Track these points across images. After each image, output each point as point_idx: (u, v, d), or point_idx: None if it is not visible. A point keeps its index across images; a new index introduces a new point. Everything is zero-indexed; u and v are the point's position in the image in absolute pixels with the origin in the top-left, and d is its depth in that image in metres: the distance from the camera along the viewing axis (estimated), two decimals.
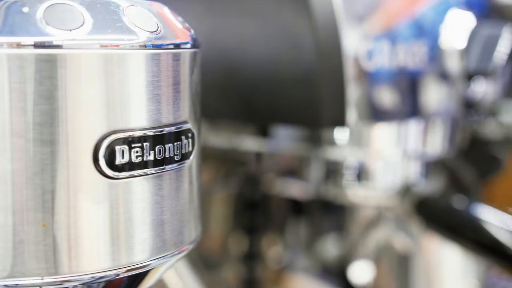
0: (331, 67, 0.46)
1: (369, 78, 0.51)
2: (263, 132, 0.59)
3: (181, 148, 0.34)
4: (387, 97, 0.53)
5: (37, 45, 0.29)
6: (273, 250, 0.83)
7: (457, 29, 0.56)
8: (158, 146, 0.32)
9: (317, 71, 0.46)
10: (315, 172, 0.62)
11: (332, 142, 0.58)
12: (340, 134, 0.58)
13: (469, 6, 0.62)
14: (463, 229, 0.55)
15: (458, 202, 0.57)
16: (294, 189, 0.66)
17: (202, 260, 0.79)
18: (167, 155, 0.33)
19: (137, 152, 0.32)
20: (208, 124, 0.61)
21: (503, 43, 0.56)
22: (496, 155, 0.72)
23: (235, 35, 0.49)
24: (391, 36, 0.52)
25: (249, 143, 0.62)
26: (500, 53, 0.56)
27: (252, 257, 0.80)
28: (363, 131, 0.58)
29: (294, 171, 0.66)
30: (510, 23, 0.83)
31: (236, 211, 0.77)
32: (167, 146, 0.33)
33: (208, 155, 0.74)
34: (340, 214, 0.75)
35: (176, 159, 0.33)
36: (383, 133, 0.58)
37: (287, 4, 0.46)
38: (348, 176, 0.61)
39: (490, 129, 0.93)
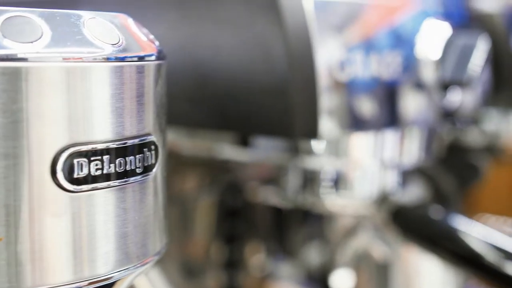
0: (303, 78, 0.46)
1: (346, 88, 0.51)
2: (243, 141, 0.59)
3: (144, 161, 0.34)
4: (364, 106, 0.53)
5: None
6: (256, 257, 0.83)
7: (433, 39, 0.56)
8: (119, 159, 0.32)
9: (289, 81, 0.46)
10: (292, 181, 0.62)
11: (309, 152, 0.58)
12: (318, 144, 0.58)
13: (447, 16, 0.62)
14: (438, 239, 0.55)
15: (434, 211, 0.57)
16: (274, 197, 0.66)
17: (185, 268, 0.79)
18: (128, 167, 0.33)
19: (96, 165, 0.31)
20: (189, 132, 0.61)
21: (478, 53, 0.56)
22: (477, 163, 0.72)
23: (209, 43, 0.49)
24: (368, 46, 0.52)
25: (229, 152, 0.62)
26: (475, 63, 0.56)
27: (233, 264, 0.80)
28: (341, 140, 0.58)
29: (274, 179, 0.66)
30: (489, 32, 0.83)
31: (218, 219, 0.77)
32: (128, 158, 0.33)
33: (192, 163, 0.74)
34: (320, 223, 0.75)
35: (138, 171, 0.33)
36: (360, 143, 0.58)
37: (259, 14, 0.46)
38: (325, 185, 0.61)
39: (472, 137, 0.93)
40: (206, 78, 0.49)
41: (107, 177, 0.32)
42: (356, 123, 0.52)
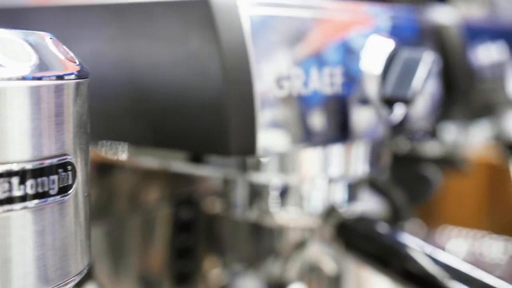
0: (239, 95, 0.46)
1: (296, 102, 0.51)
2: (196, 156, 0.58)
3: (60, 181, 0.33)
4: (313, 121, 0.53)
5: None
6: (212, 270, 0.83)
7: (378, 54, 0.56)
8: (33, 180, 0.32)
9: (224, 98, 0.45)
10: (240, 195, 0.62)
11: (258, 166, 0.58)
12: (265, 158, 0.57)
13: (397, 30, 0.62)
14: (378, 254, 0.55)
15: (378, 226, 0.57)
16: (226, 211, 0.66)
17: (143, 281, 0.78)
18: (43, 189, 0.32)
19: (9, 186, 0.31)
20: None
21: (422, 69, 0.56)
22: (432, 175, 0.73)
23: (146, 59, 0.48)
24: (317, 61, 0.52)
25: (180, 166, 0.62)
26: (418, 79, 0.56)
27: (189, 277, 0.79)
28: (290, 154, 0.58)
29: (225, 193, 0.66)
30: (443, 45, 0.83)
31: (173, 232, 0.76)
32: (44, 179, 0.32)
33: (149, 177, 0.74)
34: (271, 236, 0.75)
35: (53, 192, 0.33)
36: (309, 157, 0.58)
37: (195, 30, 0.46)
38: (273, 199, 0.61)
39: (430, 150, 0.94)
40: (144, 95, 0.49)
41: (21, 199, 0.32)
42: (305, 137, 0.52)
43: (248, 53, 0.46)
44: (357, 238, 0.57)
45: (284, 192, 0.61)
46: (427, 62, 0.56)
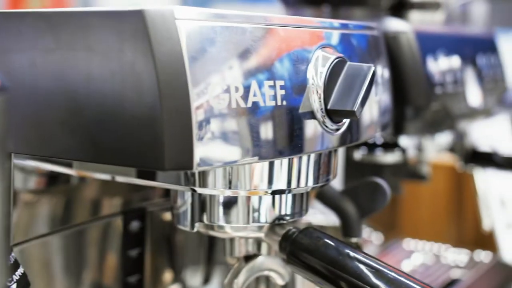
0: (174, 108, 0.45)
1: (238, 114, 0.50)
2: None
3: None
4: (257, 133, 0.52)
5: None
6: (169, 283, 0.82)
7: (322, 67, 0.56)
8: None
9: (159, 112, 0.45)
10: (190, 207, 0.61)
11: (206, 178, 0.57)
12: (218, 170, 0.57)
13: (346, 43, 0.62)
14: (320, 268, 0.54)
15: (320, 239, 0.57)
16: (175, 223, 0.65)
17: None
18: None
19: None
20: None
21: (366, 82, 0.56)
22: (385, 185, 0.72)
23: (81, 70, 0.47)
24: (260, 73, 0.52)
25: (128, 178, 0.61)
26: (362, 92, 0.55)
27: None
28: (236, 166, 0.57)
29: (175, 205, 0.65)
30: (397, 54, 0.84)
31: (124, 245, 0.75)
32: None
33: (100, 187, 0.73)
34: (221, 248, 0.74)
35: None
36: (254, 169, 0.58)
37: (129, 41, 0.45)
38: (221, 211, 0.60)
39: (388, 160, 0.94)
40: (79, 108, 0.48)
41: None
42: (249, 150, 0.52)
43: (184, 66, 0.45)
44: (299, 251, 0.57)
45: (231, 204, 0.60)
46: (370, 76, 0.56)
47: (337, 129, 0.59)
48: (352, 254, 0.55)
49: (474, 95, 0.99)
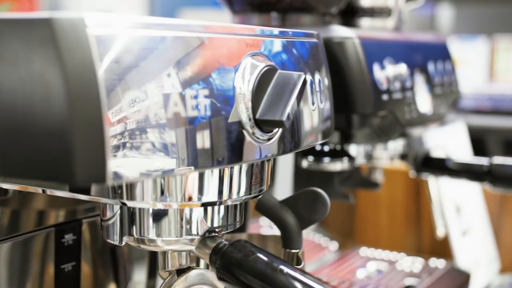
0: (85, 120, 0.43)
1: (165, 125, 0.49)
2: None
3: None
4: (201, 143, 0.51)
5: None
6: None
7: (251, 76, 0.55)
8: None
9: (69, 124, 0.43)
10: (118, 220, 0.59)
11: (134, 190, 0.56)
12: (142, 182, 0.55)
13: (277, 49, 0.61)
14: (248, 282, 0.53)
15: (251, 252, 0.55)
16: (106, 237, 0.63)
17: None
18: None
19: None
20: None
21: (296, 91, 0.55)
22: (324, 196, 0.71)
23: None
24: (187, 83, 0.50)
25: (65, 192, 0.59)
26: (291, 101, 0.54)
27: None
28: (169, 178, 0.55)
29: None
30: (342, 61, 0.83)
31: (58, 258, 0.73)
32: None
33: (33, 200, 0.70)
34: (153, 262, 0.72)
35: None
36: (184, 180, 0.56)
37: (38, 50, 0.43)
38: (151, 224, 0.58)
39: (337, 168, 0.93)
40: None
41: None
42: (176, 161, 0.50)
43: (96, 76, 0.44)
44: (229, 265, 0.55)
45: (161, 217, 0.58)
46: (300, 84, 0.55)
47: (269, 139, 0.58)
48: (282, 268, 0.54)
49: (424, 102, 0.98)
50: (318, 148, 0.89)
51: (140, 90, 0.46)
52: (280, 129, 0.58)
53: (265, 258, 0.55)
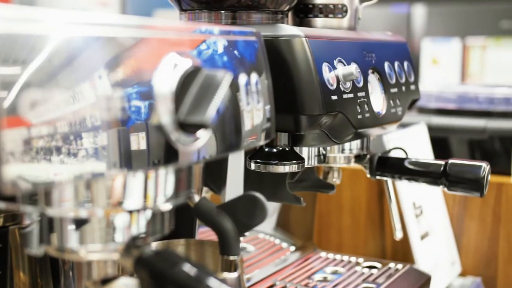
0: None
1: (117, 126, 0.46)
2: None
3: None
4: (135, 145, 0.49)
5: None
6: None
7: (173, 76, 0.52)
8: None
9: None
10: (36, 229, 0.56)
11: (50, 197, 0.53)
12: (60, 188, 0.52)
13: (207, 48, 0.58)
14: None
15: (176, 261, 0.53)
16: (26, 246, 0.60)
17: None
18: None
19: None
20: None
21: (220, 91, 0.52)
22: (262, 199, 0.68)
23: None
24: (139, 85, 0.48)
25: None
26: (216, 102, 0.51)
27: None
28: (91, 184, 0.53)
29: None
30: (291, 59, 0.80)
31: None
32: None
33: None
34: (75, 271, 0.69)
35: None
36: (105, 187, 0.53)
37: None
38: (71, 232, 0.55)
39: (282, 170, 0.90)
40: None
41: None
42: (126, 162, 0.48)
43: None
44: (152, 275, 0.53)
45: (82, 224, 0.55)
46: (225, 84, 0.52)
47: (196, 141, 0.55)
48: (207, 280, 0.51)
49: (379, 103, 0.96)
50: (266, 149, 0.86)
51: (40, 91, 0.44)
52: (210, 131, 0.56)
53: (189, 269, 0.52)
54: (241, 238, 1.17)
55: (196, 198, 0.66)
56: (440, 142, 1.44)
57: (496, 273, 1.29)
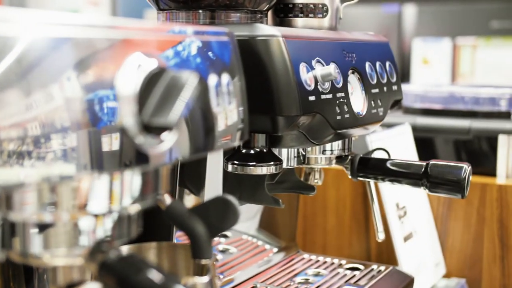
0: None
1: (88, 128, 0.45)
2: None
3: None
4: (106, 147, 0.48)
5: None
6: None
7: (137, 78, 0.51)
8: None
9: None
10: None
11: (11, 200, 0.51)
12: (21, 191, 0.51)
13: (175, 48, 0.57)
14: None
15: (139, 266, 0.51)
16: None
17: None
18: None
19: None
20: None
21: (185, 92, 0.51)
22: (234, 202, 0.67)
23: None
24: (102, 87, 0.47)
25: None
26: (180, 103, 0.50)
27: None
28: (55, 187, 0.51)
29: None
30: (267, 59, 0.79)
31: None
32: None
33: None
34: (42, 277, 0.68)
35: None
36: (69, 190, 0.52)
37: None
38: (34, 237, 0.54)
39: (259, 171, 0.89)
40: None
41: None
42: (95, 164, 0.47)
43: None
44: (116, 279, 0.51)
45: (46, 229, 0.54)
46: (191, 85, 0.51)
47: (162, 143, 0.54)
48: (172, 287, 0.50)
49: (359, 103, 0.95)
50: (244, 151, 0.85)
51: (88, 91, 0.43)
52: (176, 133, 0.55)
53: (155, 276, 0.51)
54: (224, 240, 1.16)
55: (168, 200, 0.65)
56: (426, 142, 1.43)
57: (481, 274, 1.29)
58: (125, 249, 0.67)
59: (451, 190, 0.96)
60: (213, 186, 0.96)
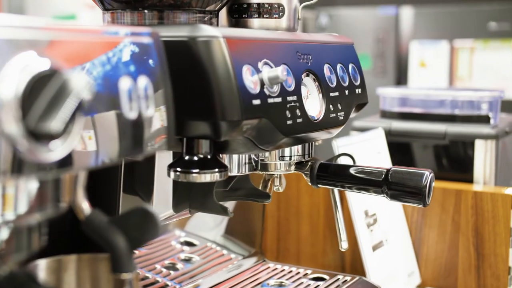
0: None
1: None
2: None
3: None
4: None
5: None
6: None
7: (19, 81, 0.47)
8: None
9: None
10: None
11: None
12: None
13: (84, 52, 0.54)
14: None
15: (26, 285, 0.48)
16: None
17: None
18: None
19: None
20: None
21: (74, 97, 0.47)
22: (154, 213, 0.63)
23: None
24: None
25: None
26: (67, 109, 0.47)
27: None
28: None
29: None
30: (207, 59, 0.75)
31: None
32: None
33: None
34: None
35: None
36: None
37: None
38: None
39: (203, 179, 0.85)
40: None
41: None
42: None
43: None
44: None
45: None
46: (82, 89, 0.48)
47: (49, 152, 0.50)
48: None
49: (315, 107, 0.91)
50: (187, 158, 0.81)
51: None
52: (74, 140, 0.51)
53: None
54: (188, 248, 1.13)
55: (87, 210, 0.62)
56: (402, 147, 1.39)
57: (456, 283, 1.24)
58: (43, 263, 0.64)
59: (411, 198, 0.92)
60: (163, 194, 0.93)
